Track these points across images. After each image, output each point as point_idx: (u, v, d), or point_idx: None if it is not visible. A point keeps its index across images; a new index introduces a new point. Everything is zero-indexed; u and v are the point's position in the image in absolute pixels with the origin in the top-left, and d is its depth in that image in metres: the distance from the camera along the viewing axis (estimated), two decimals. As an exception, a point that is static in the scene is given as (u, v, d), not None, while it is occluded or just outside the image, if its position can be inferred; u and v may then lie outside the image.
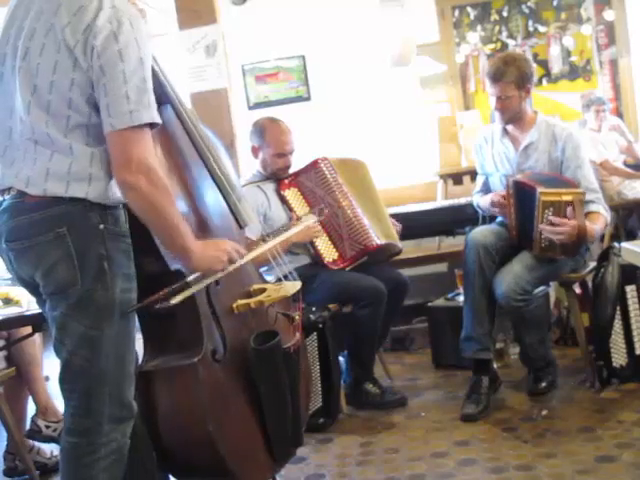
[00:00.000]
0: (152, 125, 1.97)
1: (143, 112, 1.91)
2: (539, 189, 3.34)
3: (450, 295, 4.41)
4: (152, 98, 1.96)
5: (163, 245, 2.15)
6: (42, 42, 1.92)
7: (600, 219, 3.50)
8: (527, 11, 6.27)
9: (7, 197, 1.99)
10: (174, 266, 2.22)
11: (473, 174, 4.13)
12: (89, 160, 1.95)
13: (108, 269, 1.96)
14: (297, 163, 3.85)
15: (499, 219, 3.76)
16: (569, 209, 3.30)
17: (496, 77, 3.52)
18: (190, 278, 2.19)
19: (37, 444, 3.36)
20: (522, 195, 3.47)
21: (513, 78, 3.50)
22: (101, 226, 1.97)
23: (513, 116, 3.60)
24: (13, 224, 1.97)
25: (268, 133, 3.75)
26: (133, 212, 2.06)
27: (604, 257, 3.57)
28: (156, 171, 1.96)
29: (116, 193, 2.00)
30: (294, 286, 2.59)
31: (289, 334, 2.60)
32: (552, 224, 3.31)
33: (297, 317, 2.67)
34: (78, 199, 1.94)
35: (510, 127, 3.69)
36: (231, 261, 2.26)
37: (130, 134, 1.91)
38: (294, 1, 6.04)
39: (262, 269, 3.02)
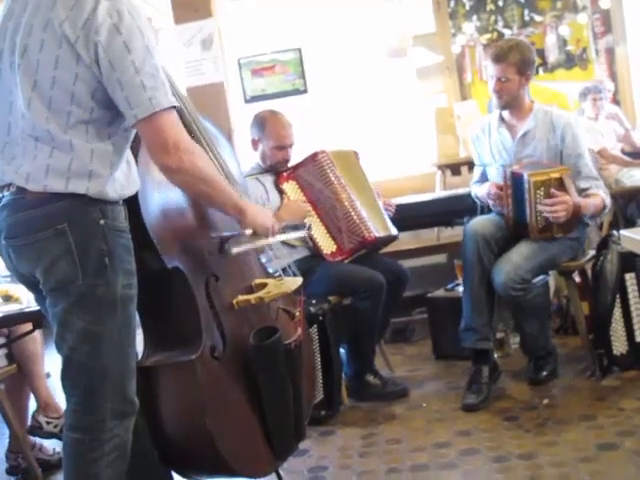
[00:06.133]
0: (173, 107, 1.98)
1: (161, 97, 1.93)
2: (526, 172, 3.39)
3: (449, 286, 4.41)
4: (166, 83, 1.97)
5: (219, 210, 2.29)
6: (41, 38, 1.91)
7: (596, 197, 3.52)
8: (523, 0, 6.25)
9: (7, 193, 1.98)
10: (172, 264, 2.22)
11: (471, 165, 4.13)
12: (89, 156, 1.94)
13: (109, 265, 1.96)
14: (294, 155, 3.84)
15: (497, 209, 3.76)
16: (559, 185, 3.35)
17: (499, 58, 3.52)
18: (247, 232, 2.37)
19: (39, 441, 3.37)
20: (516, 184, 3.49)
21: (515, 61, 3.50)
22: (102, 221, 1.96)
23: (510, 101, 3.60)
24: (13, 220, 1.96)
25: (268, 125, 3.75)
26: (136, 210, 2.08)
27: (603, 245, 3.57)
28: (192, 144, 2.05)
29: (116, 189, 2.00)
30: (295, 282, 2.59)
31: (290, 330, 2.60)
32: (546, 205, 3.35)
33: (298, 313, 2.67)
34: (78, 195, 1.93)
35: (507, 116, 3.69)
36: (274, 227, 2.48)
37: (157, 119, 1.93)
38: (289, -6, 6.04)
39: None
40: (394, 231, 3.90)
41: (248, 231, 2.39)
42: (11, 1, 2.03)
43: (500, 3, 6.25)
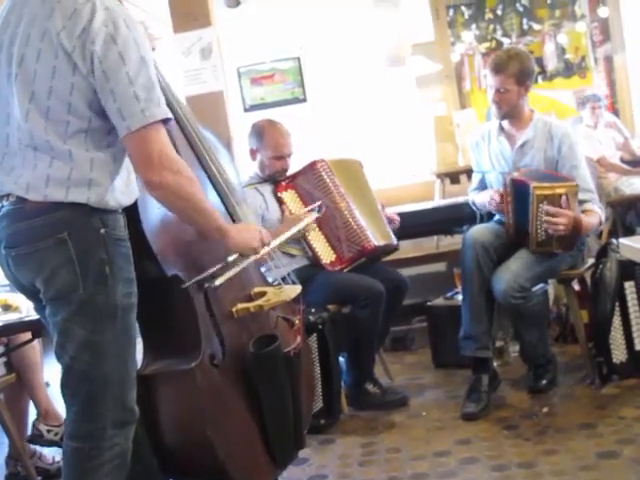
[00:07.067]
0: (165, 121, 1.97)
1: (155, 109, 1.92)
2: (532, 184, 3.36)
3: (449, 294, 4.40)
4: (160, 94, 1.97)
5: (199, 231, 2.22)
6: (38, 48, 1.91)
7: (594, 215, 3.51)
8: (521, 9, 6.28)
9: (6, 203, 1.98)
10: (171, 272, 2.22)
11: (470, 173, 4.13)
12: (89, 166, 1.95)
13: (109, 273, 1.96)
14: (294, 164, 3.85)
15: (497, 217, 3.76)
16: (563, 201, 3.32)
17: (497, 69, 3.52)
18: (230, 258, 2.29)
19: (39, 450, 3.36)
20: (518, 192, 3.48)
21: (514, 72, 3.50)
22: (102, 230, 1.96)
23: (510, 111, 3.60)
24: (13, 230, 1.97)
25: (266, 135, 3.75)
26: (135, 217, 2.08)
27: (602, 253, 3.57)
28: (178, 161, 2.00)
29: (116, 197, 2.00)
30: (294, 290, 2.59)
31: (290, 338, 2.60)
32: (549, 214, 3.32)
33: (297, 321, 2.67)
34: (79, 204, 1.93)
35: (506, 125, 3.70)
36: (263, 242, 2.37)
37: (146, 132, 1.91)
38: (288, 3, 6.04)
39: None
40: (394, 240, 3.89)
41: (231, 257, 2.31)
42: (6, 13, 2.03)
43: (499, 12, 6.28)
